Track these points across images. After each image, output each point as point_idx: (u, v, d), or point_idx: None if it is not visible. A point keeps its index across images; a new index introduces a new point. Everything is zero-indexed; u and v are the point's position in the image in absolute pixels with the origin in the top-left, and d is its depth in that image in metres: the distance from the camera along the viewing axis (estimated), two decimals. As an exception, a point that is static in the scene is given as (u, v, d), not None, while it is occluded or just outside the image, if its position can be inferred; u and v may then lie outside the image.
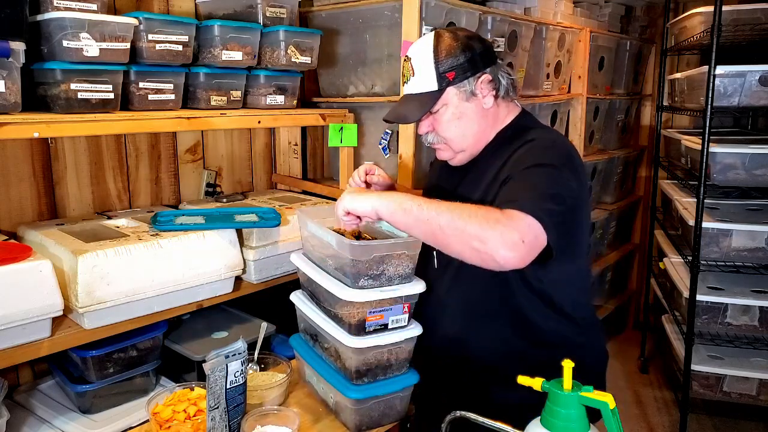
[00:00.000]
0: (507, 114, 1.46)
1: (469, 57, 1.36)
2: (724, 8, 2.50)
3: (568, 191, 1.25)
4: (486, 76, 1.38)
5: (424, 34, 1.44)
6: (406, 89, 1.43)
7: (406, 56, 1.41)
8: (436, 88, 1.37)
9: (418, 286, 1.36)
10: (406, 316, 1.36)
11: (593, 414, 1.00)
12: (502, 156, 1.37)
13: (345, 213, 1.29)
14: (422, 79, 1.38)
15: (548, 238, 1.16)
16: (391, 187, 1.61)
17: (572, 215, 1.27)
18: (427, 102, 1.38)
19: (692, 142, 2.87)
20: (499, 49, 2.52)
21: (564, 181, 1.26)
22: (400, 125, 2.13)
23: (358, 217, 1.30)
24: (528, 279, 1.34)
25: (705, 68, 2.57)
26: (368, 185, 1.58)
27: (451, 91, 1.37)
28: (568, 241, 1.24)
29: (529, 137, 1.37)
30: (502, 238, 1.10)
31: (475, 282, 1.38)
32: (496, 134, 1.44)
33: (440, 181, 1.58)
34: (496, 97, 1.41)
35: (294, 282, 1.76)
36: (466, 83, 1.37)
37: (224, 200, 2.14)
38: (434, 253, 1.47)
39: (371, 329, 1.33)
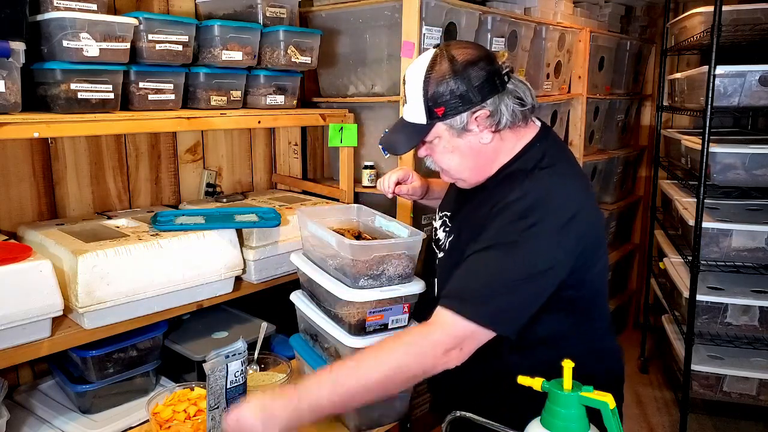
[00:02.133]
0: (516, 141, 1.30)
1: (464, 90, 1.21)
2: (724, 8, 2.50)
3: (533, 277, 1.15)
4: (483, 112, 1.23)
5: (426, 49, 1.32)
6: (403, 112, 1.33)
7: (404, 77, 1.30)
8: (425, 122, 1.26)
9: (418, 286, 1.36)
10: (406, 316, 1.36)
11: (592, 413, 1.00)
12: (496, 196, 1.26)
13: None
14: (412, 109, 1.27)
15: (498, 329, 1.13)
16: (426, 190, 1.59)
17: (542, 287, 1.17)
18: (416, 134, 1.28)
19: (692, 142, 2.87)
20: (499, 49, 2.52)
21: (528, 267, 1.15)
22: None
23: None
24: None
25: (705, 68, 2.56)
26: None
27: (440, 127, 1.25)
28: (557, 302, 1.19)
29: (515, 195, 1.20)
30: (434, 354, 1.09)
31: None
32: (501, 166, 1.31)
33: (453, 190, 1.49)
34: (496, 131, 1.26)
35: (294, 282, 1.76)
36: (457, 119, 1.24)
37: (224, 200, 2.14)
38: (434, 248, 1.46)
39: (371, 329, 1.33)
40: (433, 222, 1.52)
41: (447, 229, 1.41)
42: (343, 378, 1.09)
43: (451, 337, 1.11)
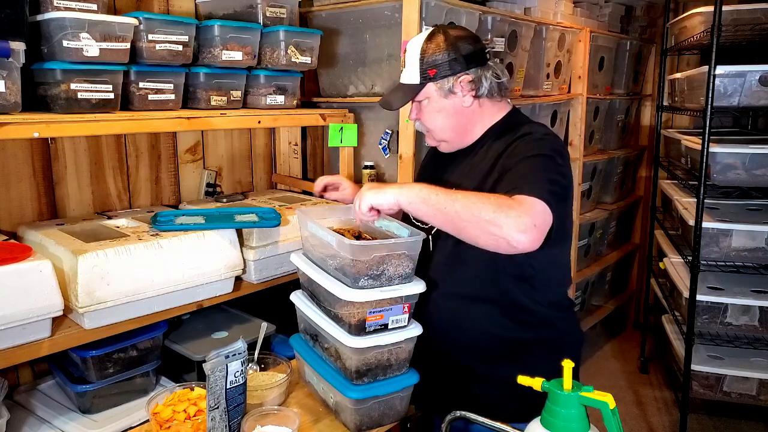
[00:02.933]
0: (496, 112, 1.54)
1: (453, 57, 1.44)
2: (724, 8, 2.50)
3: (562, 177, 1.35)
4: (466, 77, 1.46)
5: (431, 28, 1.53)
6: (401, 78, 1.54)
7: (406, 48, 1.52)
8: (418, 82, 1.48)
9: (418, 287, 1.36)
10: (406, 316, 1.36)
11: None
12: (495, 149, 1.46)
13: (369, 209, 1.34)
14: (409, 71, 1.49)
15: (552, 220, 1.25)
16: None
17: (565, 201, 1.37)
18: (409, 93, 1.49)
19: (692, 142, 2.87)
20: (499, 49, 2.52)
21: (558, 168, 1.36)
22: (400, 125, 2.13)
23: (378, 211, 1.36)
24: (517, 262, 1.39)
25: (705, 68, 2.56)
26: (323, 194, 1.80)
27: (430, 87, 1.47)
28: (558, 225, 1.31)
29: (522, 132, 1.45)
30: (515, 223, 1.18)
31: (466, 266, 1.45)
32: (486, 130, 1.53)
33: (431, 166, 1.68)
34: (476, 97, 1.48)
35: (294, 282, 1.76)
36: (444, 81, 1.46)
37: (224, 200, 2.14)
38: (429, 238, 1.50)
39: (371, 329, 1.33)
40: None
41: None
42: (446, 194, 1.26)
43: (529, 213, 1.21)
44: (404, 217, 1.54)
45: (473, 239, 1.24)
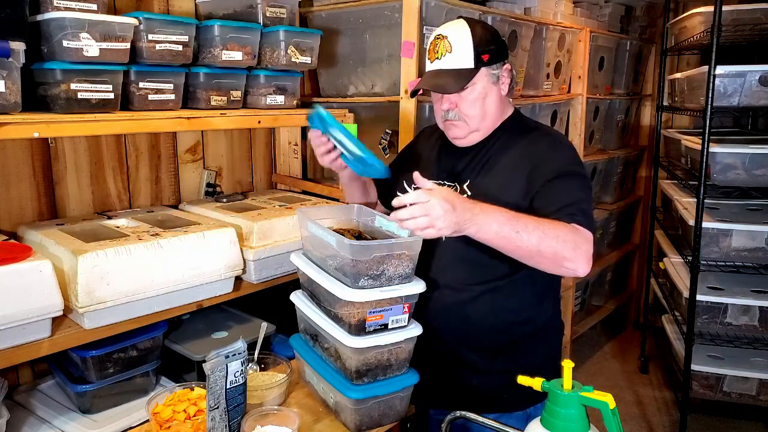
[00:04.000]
0: (508, 107, 1.57)
1: (499, 45, 1.48)
2: (724, 8, 2.50)
3: (589, 185, 1.48)
4: (508, 65, 1.50)
5: (458, 18, 1.51)
6: (438, 65, 1.47)
7: (440, 35, 1.47)
8: (473, 66, 1.44)
9: (418, 286, 1.36)
10: (406, 316, 1.36)
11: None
12: (513, 146, 1.48)
13: (422, 229, 1.20)
14: (460, 56, 1.44)
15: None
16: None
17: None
18: (464, 77, 1.44)
19: (692, 142, 2.87)
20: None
21: (589, 185, 1.47)
22: (400, 125, 2.13)
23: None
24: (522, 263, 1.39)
25: (705, 68, 2.56)
26: None
27: (483, 71, 1.45)
28: None
29: (540, 130, 1.52)
30: (584, 258, 1.30)
31: (472, 264, 1.47)
32: (500, 124, 1.54)
33: (436, 154, 1.62)
34: (510, 88, 1.52)
35: (294, 282, 1.76)
36: (495, 67, 1.47)
37: (224, 200, 2.13)
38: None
39: (371, 329, 1.33)
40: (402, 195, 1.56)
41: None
42: (510, 226, 1.25)
43: (583, 249, 1.31)
44: None
45: (539, 266, 1.31)
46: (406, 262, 1.34)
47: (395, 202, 1.21)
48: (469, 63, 1.44)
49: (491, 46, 1.45)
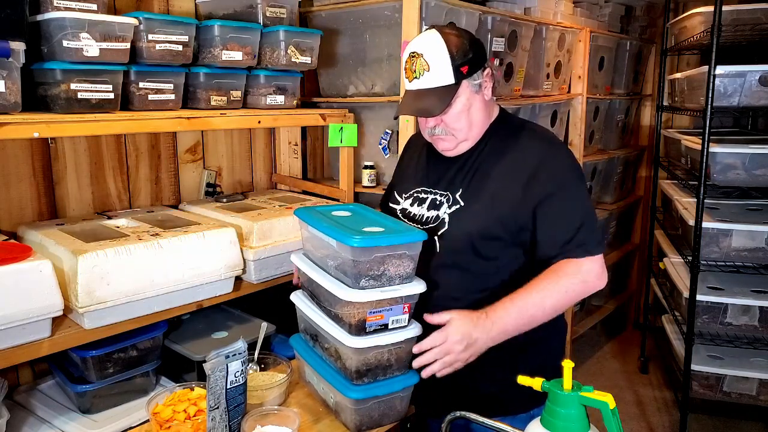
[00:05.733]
0: (494, 108, 1.54)
1: (476, 52, 1.43)
2: (724, 8, 2.50)
3: (587, 195, 1.48)
4: (488, 70, 1.46)
5: (430, 29, 1.45)
6: (417, 84, 1.43)
7: (415, 53, 1.42)
8: (453, 82, 1.40)
9: (418, 287, 1.36)
10: (407, 316, 1.36)
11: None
12: (505, 150, 1.46)
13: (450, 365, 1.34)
14: (438, 73, 1.40)
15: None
16: None
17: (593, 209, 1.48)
18: (446, 95, 1.40)
19: (692, 142, 2.87)
20: (499, 49, 2.52)
21: (588, 196, 1.48)
22: (400, 125, 2.13)
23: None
24: (530, 274, 1.41)
25: (705, 68, 2.56)
26: None
27: (464, 84, 1.42)
28: None
29: (529, 129, 1.51)
30: (594, 279, 1.39)
31: (475, 275, 1.45)
32: (488, 127, 1.51)
33: (424, 162, 1.60)
34: (493, 89, 1.49)
35: (294, 282, 1.76)
36: (476, 76, 1.43)
37: (224, 200, 2.13)
38: (435, 240, 1.48)
39: (371, 329, 1.32)
40: (392, 204, 1.61)
41: (435, 201, 1.50)
42: (525, 320, 1.35)
43: (592, 275, 1.39)
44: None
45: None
46: (407, 262, 1.34)
47: (415, 349, 1.33)
48: (449, 79, 1.40)
49: (468, 56, 1.40)
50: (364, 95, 2.36)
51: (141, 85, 1.65)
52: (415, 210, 1.54)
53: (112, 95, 1.54)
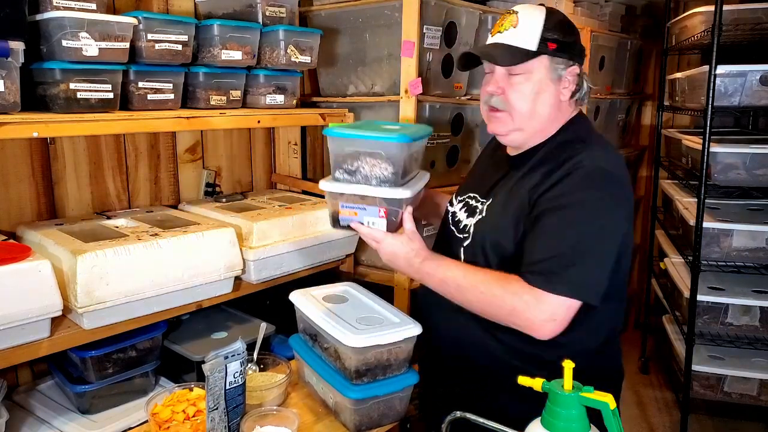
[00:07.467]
0: (568, 114, 1.38)
1: (572, 41, 1.31)
2: (725, 8, 2.49)
3: (607, 236, 1.23)
4: (575, 68, 1.32)
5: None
6: (497, 38, 1.32)
7: (511, 10, 1.33)
8: (534, 49, 1.28)
9: (395, 192, 1.29)
10: (384, 221, 1.32)
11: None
12: (543, 168, 1.30)
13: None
14: (523, 34, 1.28)
15: (587, 300, 1.20)
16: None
17: (611, 257, 1.23)
18: (519, 56, 1.28)
19: (693, 142, 2.87)
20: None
21: (601, 227, 1.22)
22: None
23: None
24: None
25: (706, 68, 2.56)
26: None
27: (544, 61, 1.29)
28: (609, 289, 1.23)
29: (577, 158, 1.27)
30: (536, 328, 1.19)
31: None
32: (546, 140, 1.36)
33: (482, 172, 1.51)
34: (573, 94, 1.34)
35: (294, 282, 1.76)
36: (560, 62, 1.30)
37: (224, 200, 2.13)
38: (454, 232, 1.44)
39: (345, 225, 1.35)
40: (449, 206, 1.52)
41: (473, 209, 1.41)
42: (452, 283, 1.27)
43: (540, 313, 1.18)
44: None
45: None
46: (384, 164, 1.30)
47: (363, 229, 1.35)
48: (531, 44, 1.27)
49: (562, 36, 1.27)
50: (364, 95, 2.36)
51: (140, 84, 1.65)
52: (461, 216, 1.44)
53: (111, 95, 1.54)
